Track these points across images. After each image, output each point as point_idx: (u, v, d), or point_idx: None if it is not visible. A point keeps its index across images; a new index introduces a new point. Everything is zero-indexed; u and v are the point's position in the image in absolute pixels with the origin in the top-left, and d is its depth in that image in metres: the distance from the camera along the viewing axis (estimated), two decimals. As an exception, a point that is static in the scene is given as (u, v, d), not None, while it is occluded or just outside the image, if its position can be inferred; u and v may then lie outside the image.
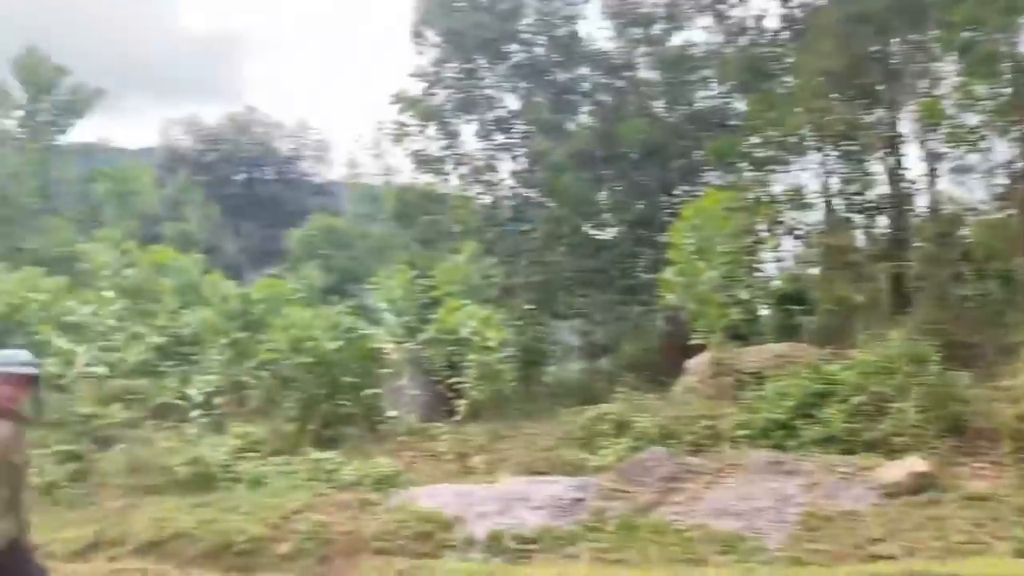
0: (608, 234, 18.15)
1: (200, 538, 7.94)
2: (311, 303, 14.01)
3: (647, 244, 17.45)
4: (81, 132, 18.68)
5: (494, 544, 7.32)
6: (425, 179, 19.08)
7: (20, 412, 4.23)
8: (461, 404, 10.23)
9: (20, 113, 17.01)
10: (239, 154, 27.39)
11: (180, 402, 11.79)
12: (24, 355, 4.27)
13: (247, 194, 27.86)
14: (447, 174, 18.97)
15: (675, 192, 18.52)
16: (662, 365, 15.59)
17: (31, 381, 4.18)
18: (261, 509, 8.27)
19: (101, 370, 10.55)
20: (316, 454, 9.75)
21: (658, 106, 18.31)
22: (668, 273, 11.33)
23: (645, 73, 18.94)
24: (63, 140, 17.77)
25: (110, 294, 10.82)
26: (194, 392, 11.69)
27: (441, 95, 18.58)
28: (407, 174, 19.90)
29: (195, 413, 11.67)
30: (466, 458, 9.83)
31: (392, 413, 11.92)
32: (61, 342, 10.39)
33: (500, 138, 18.82)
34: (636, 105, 17.83)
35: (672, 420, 9.90)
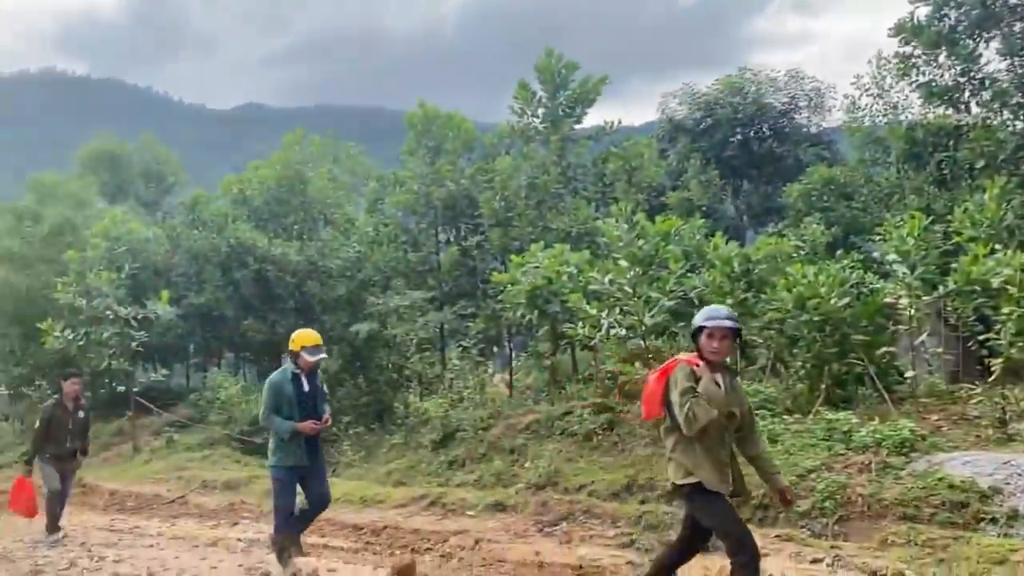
0: None
1: (721, 489, 8.35)
2: (814, 259, 13.61)
3: None
4: (592, 118, 20.72)
5: (1047, 522, 6.40)
6: (937, 112, 17.11)
7: (726, 363, 4.67)
8: (996, 363, 9.01)
9: (542, 110, 19.51)
10: (734, 116, 27.58)
11: (692, 361, 12.45)
12: (725, 311, 4.66)
13: (743, 154, 27.96)
14: (964, 103, 16.74)
15: None
16: None
17: (733, 334, 4.54)
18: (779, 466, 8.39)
19: (622, 332, 11.70)
20: (829, 414, 9.50)
21: None
22: None
23: None
24: (578, 128, 19.92)
25: (624, 264, 11.86)
26: (705, 351, 12.26)
27: (952, 16, 16.41)
28: (915, 110, 18.08)
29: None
30: (1005, 424, 8.68)
31: (910, 373, 11.02)
32: (588, 308, 11.75)
33: (1031, 51, 15.91)
34: None
35: None
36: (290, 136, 25.42)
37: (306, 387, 6.68)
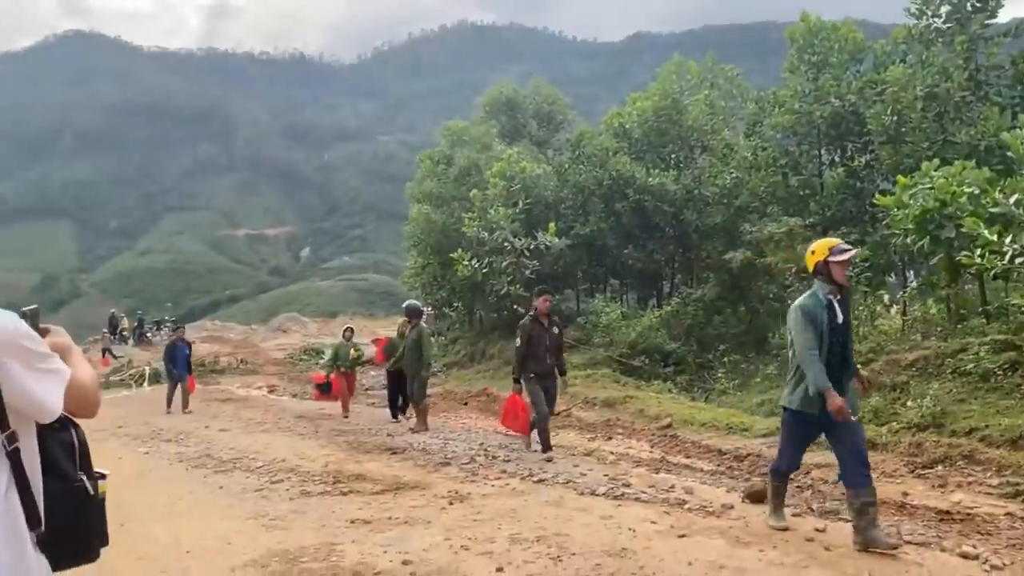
0: None
1: None
2: None
3: None
4: (1012, 9, 17.65)
5: None
6: None
7: None
8: None
9: (946, 8, 17.11)
10: None
11: None
12: None
13: None
14: None
15: None
16: None
17: None
18: None
19: (1032, 260, 10.16)
20: None
21: None
22: None
23: None
24: (991, 24, 17.13)
25: (1036, 181, 10.22)
26: None
27: None
28: None
29: None
30: None
31: None
32: (986, 234, 10.37)
33: None
34: None
35: None
36: (667, 65, 25.58)
37: (840, 317, 5.29)
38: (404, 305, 13.43)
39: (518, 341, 9.31)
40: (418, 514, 6.61)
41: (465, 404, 16.16)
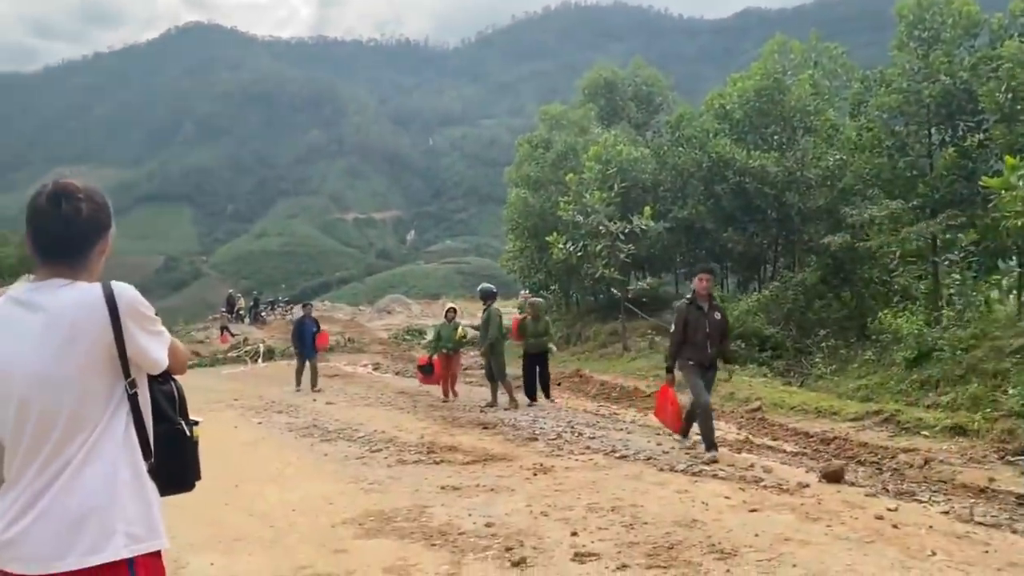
0: None
1: None
2: None
3: None
4: None
5: None
6: None
7: None
8: None
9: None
10: None
11: None
12: None
13: None
14: None
15: None
16: None
17: None
18: None
19: None
20: None
21: None
22: None
23: None
24: None
25: None
26: None
27: None
28: None
29: None
30: None
31: None
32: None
33: None
34: None
35: None
36: (770, 44, 25.04)
37: None
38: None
39: (673, 326, 8.51)
40: (504, 483, 7.03)
41: (558, 384, 16.50)
